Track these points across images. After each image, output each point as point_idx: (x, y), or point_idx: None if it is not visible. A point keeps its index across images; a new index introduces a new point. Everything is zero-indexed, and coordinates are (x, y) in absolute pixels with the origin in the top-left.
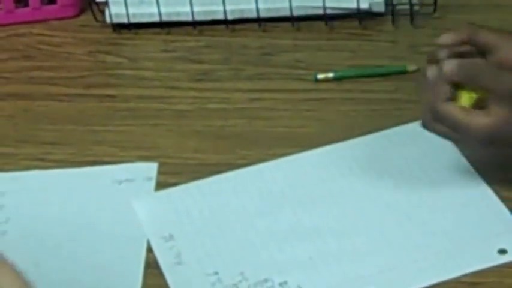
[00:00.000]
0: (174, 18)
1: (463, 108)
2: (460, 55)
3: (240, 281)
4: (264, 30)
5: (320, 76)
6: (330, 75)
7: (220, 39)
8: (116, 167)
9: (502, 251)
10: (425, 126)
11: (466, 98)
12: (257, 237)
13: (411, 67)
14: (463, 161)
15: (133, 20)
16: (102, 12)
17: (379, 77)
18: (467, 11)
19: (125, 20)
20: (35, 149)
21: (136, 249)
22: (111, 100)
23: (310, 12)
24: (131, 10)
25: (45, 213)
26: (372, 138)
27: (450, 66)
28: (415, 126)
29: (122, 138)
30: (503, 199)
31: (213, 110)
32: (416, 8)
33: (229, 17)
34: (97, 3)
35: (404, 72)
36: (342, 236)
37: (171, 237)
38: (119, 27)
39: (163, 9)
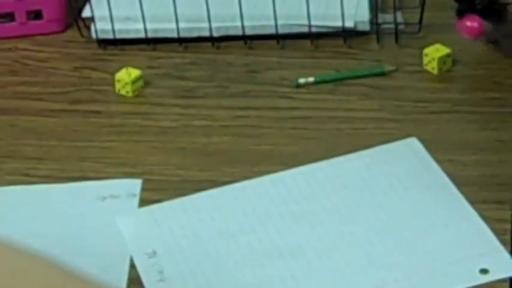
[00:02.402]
0: (160, 35)
1: None
2: None
3: None
4: (250, 48)
5: (301, 81)
6: (311, 79)
7: (206, 56)
8: (100, 183)
9: (484, 271)
10: None
11: None
12: (240, 255)
13: (388, 68)
14: (446, 180)
15: (119, 36)
16: (88, 28)
17: (360, 87)
18: (452, 30)
19: (110, 36)
20: (20, 164)
21: (119, 266)
22: (95, 116)
23: (295, 30)
24: (117, 26)
25: (29, 229)
26: (355, 157)
27: None
28: (398, 146)
29: (106, 154)
30: (486, 219)
31: (197, 127)
32: (401, 27)
33: (215, 34)
34: (83, 19)
35: (382, 74)
36: (325, 255)
37: (154, 253)
38: (104, 43)
39: (149, 26)
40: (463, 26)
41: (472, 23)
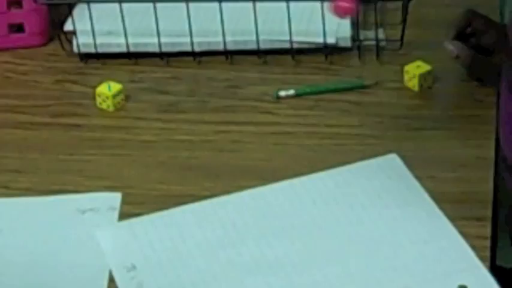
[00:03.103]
0: (142, 49)
1: None
2: None
3: None
4: (231, 63)
5: (281, 93)
6: (291, 92)
7: (187, 70)
8: (80, 196)
9: None
10: None
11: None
12: (219, 269)
13: (368, 81)
14: (426, 197)
15: (100, 50)
16: (70, 42)
17: (342, 102)
18: (433, 47)
19: (92, 50)
20: (0, 177)
21: (98, 279)
22: (76, 129)
23: (277, 45)
24: (99, 40)
25: (9, 241)
26: (335, 173)
27: None
28: (379, 162)
29: (86, 167)
30: (465, 235)
31: (178, 142)
32: (382, 43)
33: (197, 49)
34: (65, 33)
35: (362, 87)
36: (304, 270)
37: (133, 267)
38: (86, 56)
39: (131, 40)
40: (337, 7)
41: (346, 2)
